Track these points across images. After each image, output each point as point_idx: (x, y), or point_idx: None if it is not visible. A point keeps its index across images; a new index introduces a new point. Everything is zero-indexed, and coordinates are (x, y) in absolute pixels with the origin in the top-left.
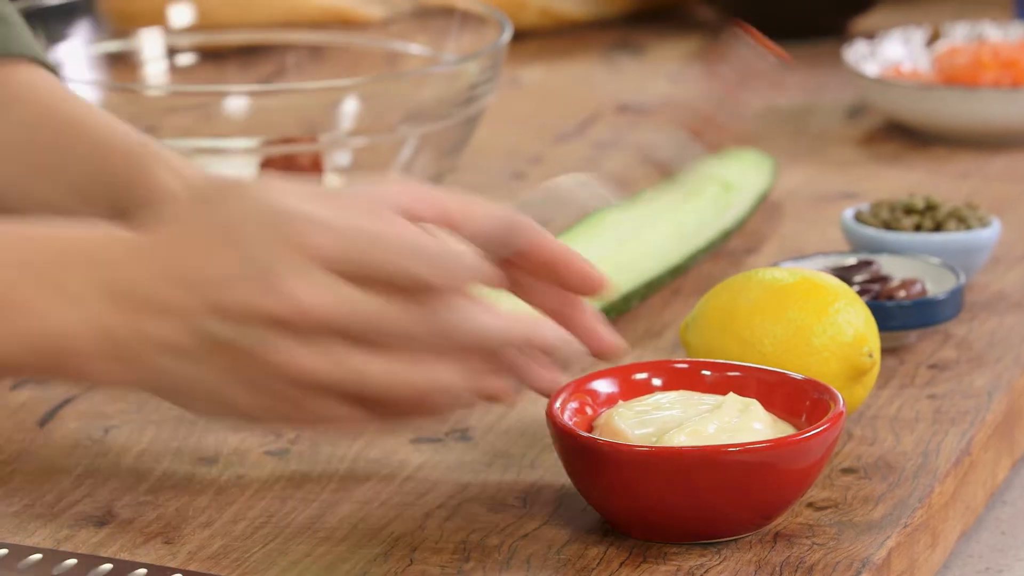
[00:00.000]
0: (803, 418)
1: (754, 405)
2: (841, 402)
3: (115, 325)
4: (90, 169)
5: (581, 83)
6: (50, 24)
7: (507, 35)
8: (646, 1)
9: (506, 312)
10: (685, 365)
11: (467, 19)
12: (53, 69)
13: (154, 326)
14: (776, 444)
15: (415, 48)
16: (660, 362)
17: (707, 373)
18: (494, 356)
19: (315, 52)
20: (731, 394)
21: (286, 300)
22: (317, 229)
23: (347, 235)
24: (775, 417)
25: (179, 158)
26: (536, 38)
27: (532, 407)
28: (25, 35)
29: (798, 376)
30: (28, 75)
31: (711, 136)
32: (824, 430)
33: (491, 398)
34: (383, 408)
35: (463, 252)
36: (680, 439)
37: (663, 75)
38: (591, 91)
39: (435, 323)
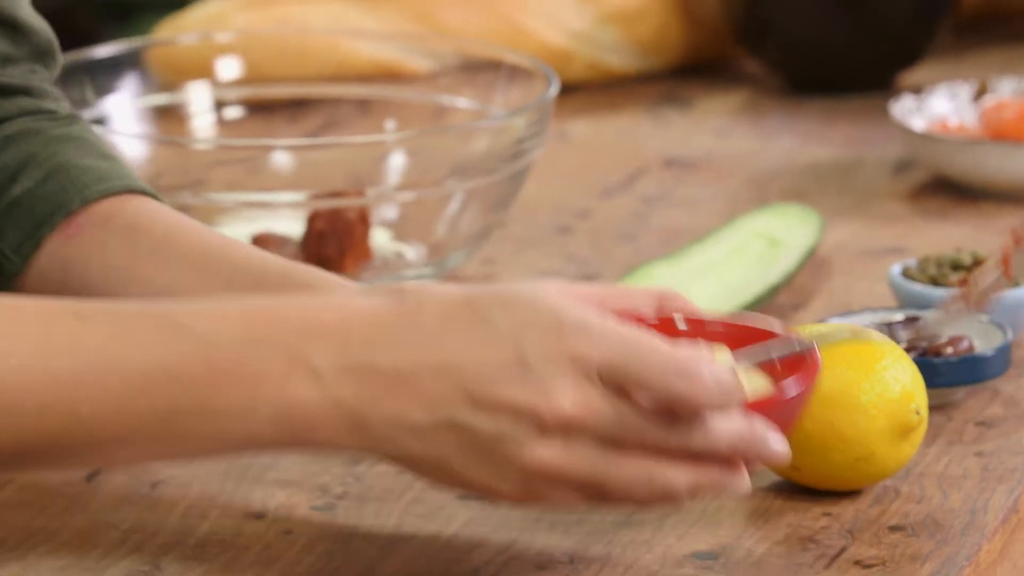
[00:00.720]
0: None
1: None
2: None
3: (355, 401)
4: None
5: (628, 137)
6: (98, 77)
7: (554, 89)
8: (692, 55)
9: (739, 416)
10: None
11: (515, 73)
12: (159, 198)
13: (398, 406)
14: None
15: (463, 102)
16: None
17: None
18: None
19: (363, 105)
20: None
21: (547, 399)
22: (590, 338)
23: (616, 346)
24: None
25: (333, 279)
26: (583, 92)
27: None
28: (130, 169)
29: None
30: (144, 205)
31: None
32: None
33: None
34: (614, 500)
35: (723, 372)
36: None
37: (709, 129)
38: (638, 145)
39: (683, 438)
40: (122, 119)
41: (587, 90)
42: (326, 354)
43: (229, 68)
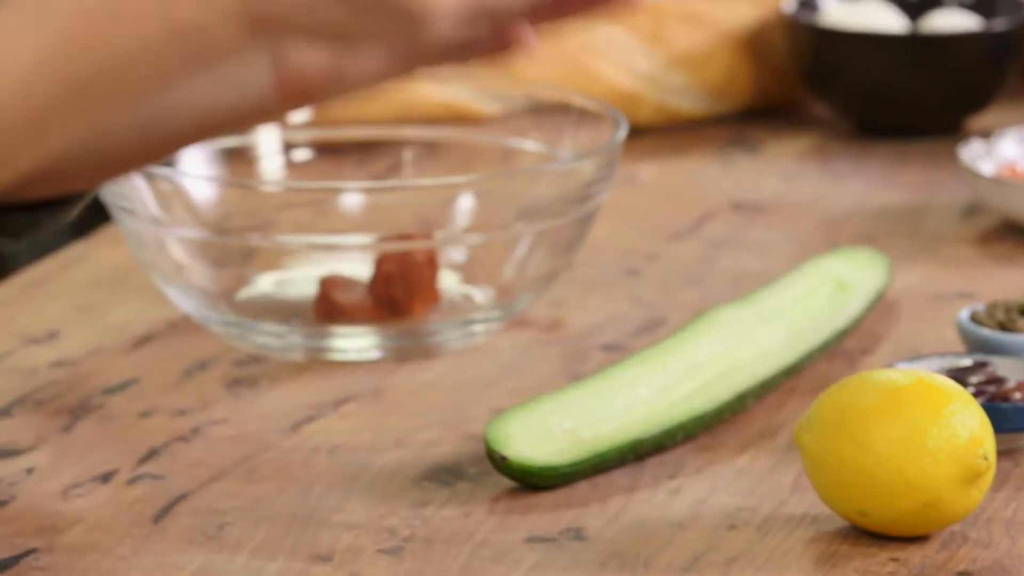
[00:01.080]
0: None
1: None
2: None
3: None
4: None
5: (696, 180)
6: None
7: (622, 133)
8: (761, 99)
9: None
10: None
11: (583, 116)
12: None
13: None
14: None
15: (531, 145)
16: None
17: None
18: None
19: (431, 147)
20: None
21: None
22: None
23: None
24: None
25: None
26: (652, 135)
27: (647, 507)
28: None
29: None
30: None
31: None
32: None
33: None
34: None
35: None
36: None
37: (778, 173)
38: (706, 188)
39: None
40: (192, 161)
41: (656, 133)
42: None
43: (298, 111)
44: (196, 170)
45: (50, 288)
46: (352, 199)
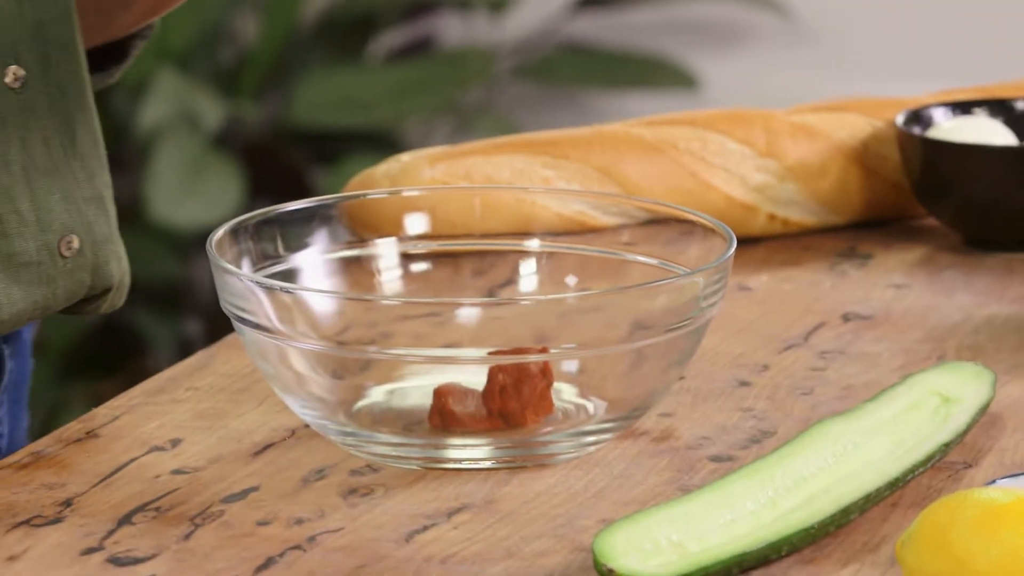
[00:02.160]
0: None
1: None
2: None
3: None
4: None
5: (807, 290)
6: (288, 232)
7: (733, 249)
8: (872, 210)
9: None
10: None
11: (696, 229)
12: None
13: None
14: None
15: (644, 257)
16: None
17: None
18: None
19: (548, 257)
20: None
21: None
22: None
23: None
24: None
25: None
26: (765, 244)
27: None
28: None
29: None
30: None
31: None
32: None
33: None
34: None
35: None
36: None
37: (886, 284)
38: (817, 299)
39: None
40: (312, 272)
41: (768, 243)
42: None
43: (417, 222)
44: (317, 281)
45: (174, 395)
46: (469, 310)
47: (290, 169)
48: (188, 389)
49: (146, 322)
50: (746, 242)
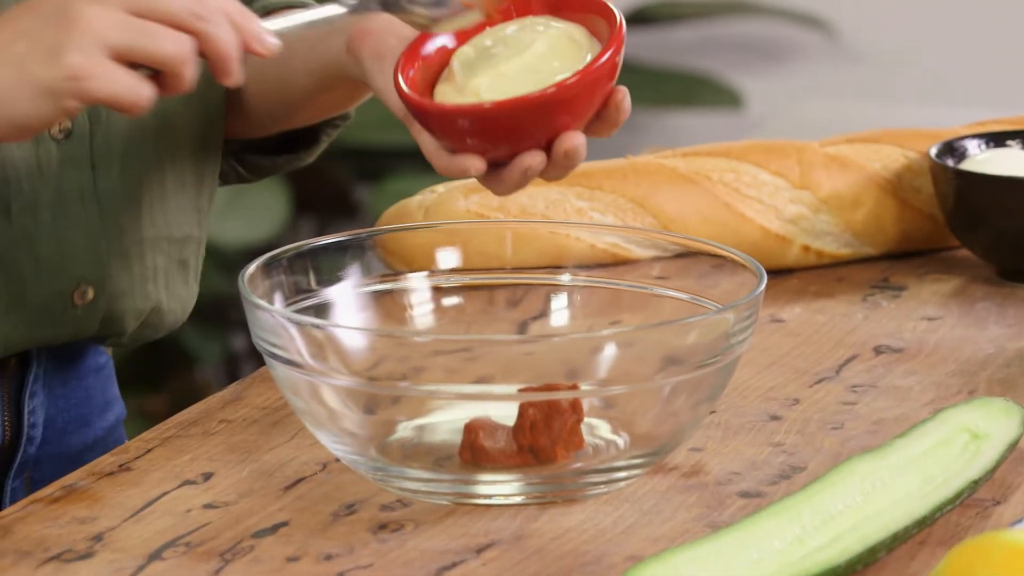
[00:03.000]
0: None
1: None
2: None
3: None
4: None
5: (840, 323)
6: (322, 265)
7: (763, 285)
8: (905, 241)
9: None
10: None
11: (727, 263)
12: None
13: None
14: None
15: (676, 291)
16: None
17: None
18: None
19: (581, 290)
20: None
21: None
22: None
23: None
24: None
25: None
26: (799, 275)
27: None
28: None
29: None
30: None
31: None
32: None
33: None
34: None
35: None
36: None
37: (919, 317)
38: (849, 331)
39: None
40: (344, 306)
41: (802, 274)
42: None
43: (450, 256)
44: (349, 314)
45: (207, 427)
46: (500, 346)
47: (335, 186)
48: (221, 422)
49: (192, 338)
50: (780, 273)
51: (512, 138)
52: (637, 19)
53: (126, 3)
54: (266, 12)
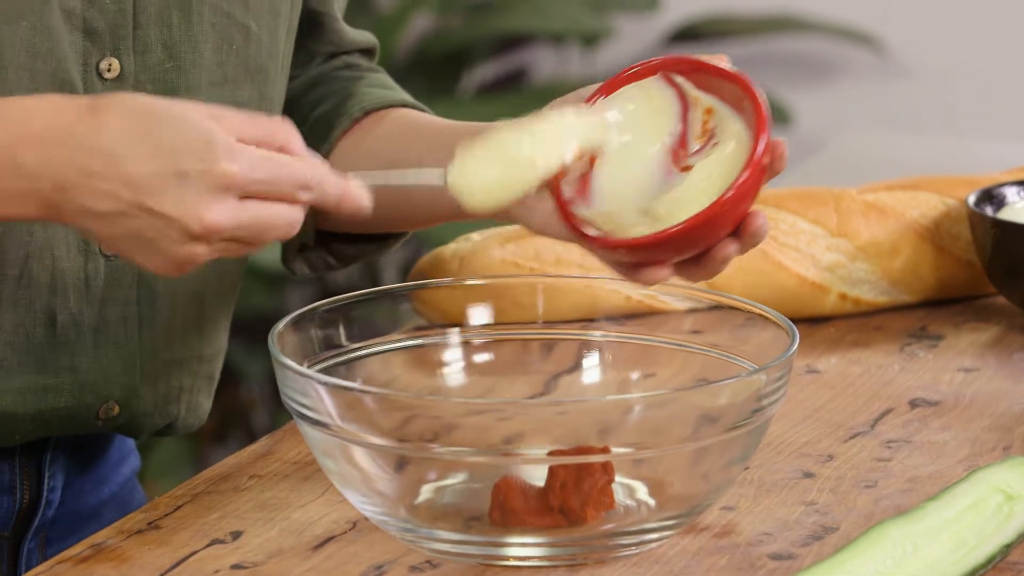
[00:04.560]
0: None
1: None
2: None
3: (51, 193)
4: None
5: (876, 374)
6: (353, 322)
7: (795, 347)
8: (943, 289)
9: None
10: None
11: (757, 321)
12: (424, 110)
13: (83, 199)
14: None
15: (707, 348)
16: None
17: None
18: None
19: (613, 345)
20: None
21: (196, 214)
22: (234, 158)
23: (256, 165)
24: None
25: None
26: (835, 324)
27: None
28: (404, 93)
29: None
30: (406, 112)
31: None
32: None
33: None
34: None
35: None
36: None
37: (955, 368)
38: (885, 383)
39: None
40: (376, 363)
41: (839, 321)
42: (29, 156)
43: (483, 310)
44: (381, 373)
45: (237, 482)
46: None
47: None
48: (252, 477)
49: (238, 354)
50: (817, 321)
51: (701, 244)
52: (684, 36)
53: (243, 184)
54: (365, 113)
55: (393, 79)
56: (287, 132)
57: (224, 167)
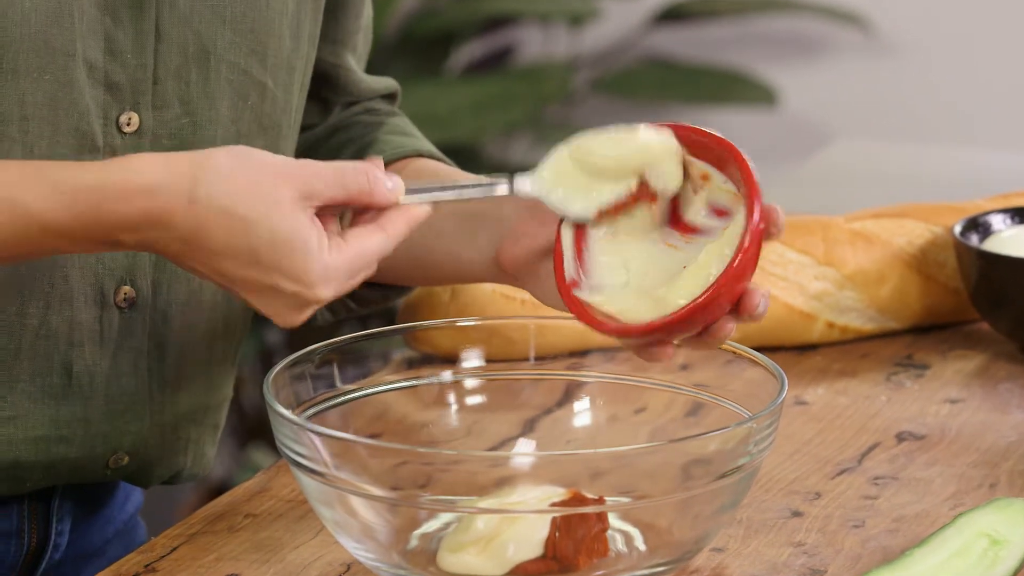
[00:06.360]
0: None
1: None
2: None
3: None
4: None
5: (863, 406)
6: (347, 364)
7: (783, 395)
8: (930, 316)
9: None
10: None
11: (748, 365)
12: (444, 160)
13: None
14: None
15: (698, 391)
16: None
17: None
18: None
19: (604, 385)
20: None
21: (314, 294)
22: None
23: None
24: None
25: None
26: (823, 352)
27: None
28: (423, 141)
29: None
30: (425, 162)
31: None
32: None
33: None
34: None
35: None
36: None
37: (942, 399)
38: (872, 416)
39: None
40: (370, 405)
41: (827, 349)
42: (129, 239)
43: (475, 351)
44: (375, 418)
45: (233, 522)
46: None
47: None
48: (247, 516)
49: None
50: (804, 349)
51: (702, 324)
52: (671, 15)
53: (331, 299)
54: (396, 159)
55: (380, 59)
56: (372, 183)
57: (318, 294)
